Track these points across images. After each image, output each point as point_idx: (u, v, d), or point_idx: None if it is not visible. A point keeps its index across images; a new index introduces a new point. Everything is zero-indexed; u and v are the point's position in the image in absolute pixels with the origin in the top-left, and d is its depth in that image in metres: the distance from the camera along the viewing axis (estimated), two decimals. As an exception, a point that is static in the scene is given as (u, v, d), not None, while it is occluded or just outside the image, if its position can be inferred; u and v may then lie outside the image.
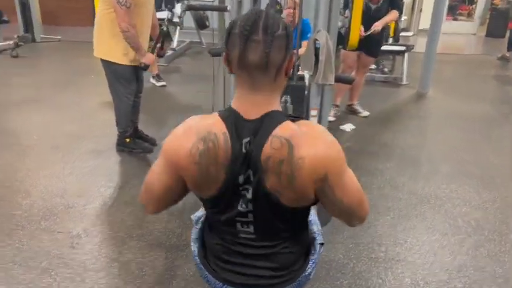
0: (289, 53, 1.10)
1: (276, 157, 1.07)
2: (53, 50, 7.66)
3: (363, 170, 3.37)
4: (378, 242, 2.48)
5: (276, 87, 1.12)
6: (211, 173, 1.12)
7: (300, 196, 1.12)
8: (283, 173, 1.07)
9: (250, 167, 1.11)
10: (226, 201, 1.18)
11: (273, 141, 1.07)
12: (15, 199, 2.79)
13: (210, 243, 1.34)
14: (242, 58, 1.05)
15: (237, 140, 1.10)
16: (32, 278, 2.10)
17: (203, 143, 1.10)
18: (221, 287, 1.35)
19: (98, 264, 2.22)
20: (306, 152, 1.06)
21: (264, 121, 1.10)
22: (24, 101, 4.74)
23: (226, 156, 1.10)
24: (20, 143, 3.67)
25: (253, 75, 1.08)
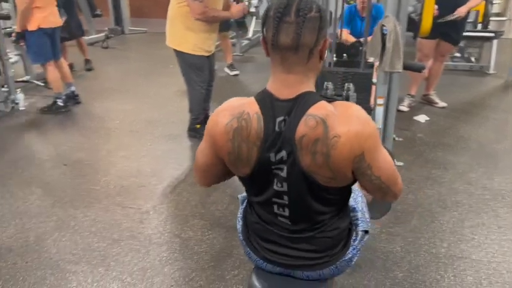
0: (322, 35, 1.11)
1: (311, 136, 1.09)
2: (139, 41, 8.18)
3: (434, 163, 3.21)
4: (441, 237, 2.37)
5: (309, 69, 1.14)
6: (243, 151, 1.17)
7: (337, 175, 1.13)
8: (318, 152, 1.09)
9: (284, 147, 1.13)
10: (261, 181, 1.23)
11: (307, 121, 1.09)
12: (95, 176, 3.08)
13: (251, 222, 1.39)
14: (275, 39, 1.09)
15: (271, 120, 1.13)
16: (104, 246, 2.32)
17: (237, 121, 1.15)
18: (262, 264, 1.41)
19: (162, 238, 2.39)
20: (341, 131, 1.07)
21: (298, 101, 1.12)
22: (110, 89, 5.15)
23: (258, 136, 1.14)
24: (104, 126, 4.02)
25: (286, 56, 1.10)
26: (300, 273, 1.37)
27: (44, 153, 3.52)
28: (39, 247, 2.32)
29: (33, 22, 3.89)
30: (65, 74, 4.44)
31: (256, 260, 1.42)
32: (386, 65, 2.72)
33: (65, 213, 2.62)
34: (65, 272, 2.13)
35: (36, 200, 2.77)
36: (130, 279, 2.08)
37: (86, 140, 3.70)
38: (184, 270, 2.15)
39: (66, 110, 4.35)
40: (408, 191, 2.83)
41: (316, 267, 1.34)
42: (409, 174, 3.06)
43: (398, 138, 3.58)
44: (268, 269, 1.40)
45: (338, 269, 1.37)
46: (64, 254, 2.26)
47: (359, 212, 1.50)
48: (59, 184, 2.99)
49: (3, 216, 2.60)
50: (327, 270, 1.36)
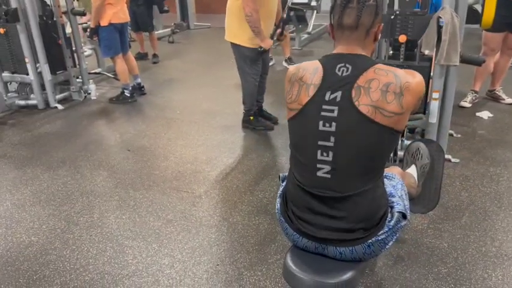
0: (377, 20, 1.40)
1: (383, 80, 1.33)
2: (203, 36, 8.47)
3: (493, 160, 3.08)
4: (493, 236, 2.30)
5: (365, 45, 1.42)
6: (300, 89, 1.43)
7: (400, 112, 1.33)
8: (390, 91, 1.32)
9: (341, 88, 1.36)
10: (309, 119, 1.40)
11: (377, 71, 1.35)
12: (155, 162, 3.29)
13: (290, 189, 1.49)
14: (340, 20, 1.40)
15: (330, 66, 1.40)
16: (159, 225, 2.50)
17: (296, 69, 1.49)
18: (297, 239, 1.48)
19: (211, 221, 2.53)
20: (410, 80, 1.35)
21: (360, 57, 1.40)
22: (173, 81, 5.42)
23: (315, 78, 1.40)
24: (165, 116, 4.25)
25: (347, 34, 1.40)
26: (333, 250, 1.42)
27: (111, 139, 3.81)
28: (102, 223, 2.54)
29: (105, 18, 4.21)
30: (132, 66, 4.75)
31: (293, 235, 1.49)
32: (442, 58, 2.66)
33: (126, 194, 2.85)
34: (123, 246, 2.34)
35: (102, 181, 3.03)
36: (180, 256, 2.24)
37: (148, 128, 3.95)
38: (230, 251, 2.27)
39: (132, 100, 4.65)
40: (462, 188, 2.75)
41: (349, 243, 1.39)
42: (465, 171, 2.96)
43: (457, 134, 3.48)
44: (303, 244, 1.47)
45: (370, 248, 1.41)
46: (123, 230, 2.47)
47: (397, 197, 1.53)
48: (122, 167, 3.24)
49: (72, 194, 2.87)
50: (360, 248, 1.40)
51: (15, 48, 4.33)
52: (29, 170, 3.22)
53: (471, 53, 3.03)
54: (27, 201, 2.81)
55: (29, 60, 4.29)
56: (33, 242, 2.40)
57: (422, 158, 2.26)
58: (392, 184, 1.62)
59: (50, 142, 3.71)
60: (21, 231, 2.49)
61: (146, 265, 2.19)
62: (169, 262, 2.20)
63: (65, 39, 4.56)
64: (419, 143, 2.33)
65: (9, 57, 4.42)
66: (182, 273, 2.13)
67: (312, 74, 1.42)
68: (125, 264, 2.20)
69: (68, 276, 2.13)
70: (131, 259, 2.24)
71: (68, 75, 4.63)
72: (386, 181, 1.64)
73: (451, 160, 3.08)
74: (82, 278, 2.12)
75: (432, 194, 2.27)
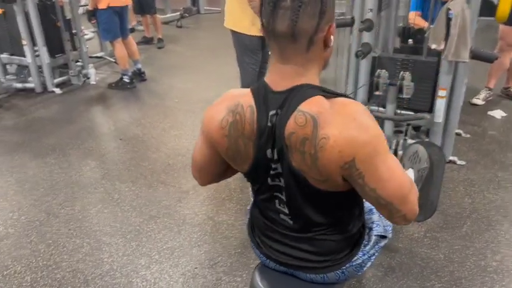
0: (325, 20, 0.98)
1: (300, 134, 0.98)
2: (212, 21, 8.26)
3: (502, 164, 2.89)
4: (494, 249, 2.13)
5: (309, 58, 1.02)
6: (240, 147, 1.10)
7: (326, 178, 1.02)
8: (306, 152, 0.98)
9: (276, 143, 1.05)
10: (261, 177, 1.15)
11: (297, 117, 0.98)
12: (146, 152, 3.17)
13: (256, 218, 1.33)
14: (270, 27, 0.98)
15: (264, 113, 1.05)
16: (140, 222, 2.39)
17: (232, 115, 1.07)
18: (265, 261, 1.35)
19: (195, 219, 2.40)
20: (332, 132, 0.95)
21: (292, 94, 1.01)
22: (176, 67, 5.27)
23: (252, 130, 1.06)
24: (163, 104, 4.13)
25: (282, 45, 1.00)
26: (304, 275, 1.29)
27: (105, 126, 3.70)
28: (83, 216, 2.44)
29: (103, 1, 4.06)
30: (132, 51, 4.61)
31: (260, 257, 1.36)
32: (450, 53, 2.47)
33: (112, 186, 2.74)
34: (101, 242, 2.23)
35: (89, 171, 2.93)
36: (157, 257, 2.12)
37: (144, 117, 3.83)
38: (211, 253, 2.15)
39: (131, 87, 4.53)
40: (465, 194, 2.57)
41: (319, 271, 1.25)
42: (470, 174, 2.77)
43: (465, 134, 3.28)
44: (272, 266, 1.34)
45: (344, 274, 1.27)
46: (103, 225, 2.37)
47: (376, 214, 1.38)
48: (112, 157, 3.13)
49: (57, 184, 2.78)
50: (332, 275, 1.26)
51: (13, 29, 4.22)
52: (17, 157, 3.13)
53: (486, 48, 2.82)
54: (10, 189, 2.73)
55: (26, 42, 4.18)
56: (10, 233, 2.31)
57: (420, 162, 2.09)
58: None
59: (43, 127, 3.62)
60: (0, 222, 2.41)
61: (121, 265, 2.08)
62: (146, 262, 2.09)
63: (64, 21, 4.44)
64: (418, 145, 2.15)
65: (8, 38, 4.32)
66: (158, 275, 2.01)
67: (250, 122, 1.06)
68: (100, 263, 2.09)
69: (39, 273, 2.03)
70: (107, 257, 2.13)
71: (67, 58, 4.51)
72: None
73: (456, 162, 2.89)
74: (54, 275, 2.02)
75: (430, 201, 2.11)
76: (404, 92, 2.42)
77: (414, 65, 2.73)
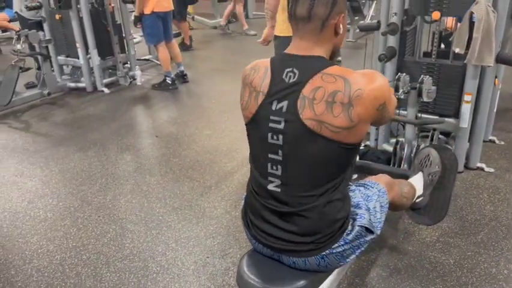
0: (336, 10, 1.25)
1: (330, 88, 1.20)
2: (259, 25, 8.37)
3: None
4: (509, 257, 2.08)
5: (322, 39, 1.27)
6: (246, 95, 1.33)
7: (353, 124, 1.20)
8: (337, 102, 1.19)
9: (288, 96, 1.24)
10: (259, 130, 1.30)
11: (324, 77, 1.21)
12: (177, 149, 3.36)
13: (248, 198, 1.45)
14: (293, 11, 1.27)
15: (279, 70, 1.27)
16: (163, 212, 2.56)
17: (249, 70, 1.37)
18: (255, 244, 1.44)
19: (214, 213, 2.53)
20: (363, 86, 1.19)
21: (311, 59, 1.26)
22: (218, 70, 5.47)
23: (264, 84, 1.29)
24: (200, 105, 4.32)
25: (300, 25, 1.27)
26: (286, 259, 1.37)
27: (144, 124, 3.94)
28: (112, 205, 2.65)
29: (148, 6, 4.33)
30: (175, 54, 4.86)
31: (251, 239, 1.46)
32: (473, 57, 2.43)
33: (142, 179, 2.94)
34: (125, 229, 2.41)
35: (124, 164, 3.15)
36: (174, 245, 2.27)
37: (181, 116, 4.03)
38: (223, 244, 2.26)
39: (173, 88, 4.76)
40: (488, 201, 2.51)
41: (301, 254, 1.33)
42: (498, 182, 2.70)
43: (500, 141, 3.18)
44: (260, 249, 1.43)
45: (325, 261, 1.34)
46: (130, 214, 2.55)
47: (363, 209, 1.43)
48: (146, 153, 3.34)
49: (94, 175, 3.02)
50: (313, 260, 1.34)
51: (68, 33, 4.60)
52: (62, 149, 3.42)
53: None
54: (53, 178, 3.00)
55: (79, 45, 4.54)
56: (48, 217, 2.56)
57: (431, 166, 2.09)
58: (367, 194, 1.51)
59: (88, 124, 3.92)
60: (40, 206, 2.67)
61: (140, 250, 2.25)
62: (162, 249, 2.24)
63: (115, 26, 4.77)
64: (431, 149, 2.16)
65: (64, 42, 4.71)
66: (172, 261, 2.15)
67: (261, 79, 1.30)
68: (122, 247, 2.27)
69: (68, 254, 2.24)
70: (129, 243, 2.31)
71: (115, 60, 4.83)
72: (362, 189, 1.53)
73: (484, 169, 2.82)
74: (80, 256, 2.22)
75: (441, 205, 2.10)
76: (423, 96, 2.41)
77: (439, 69, 2.70)
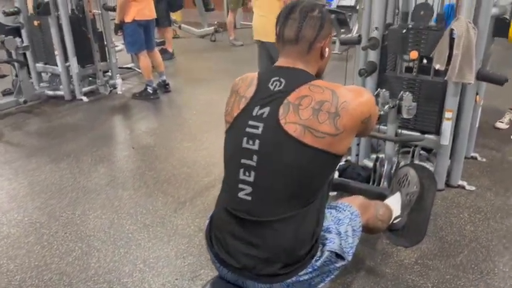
0: (323, 34, 1.30)
1: (317, 97, 1.22)
2: (246, 35, 8.34)
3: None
4: (488, 282, 2.01)
5: (308, 60, 1.31)
6: (235, 102, 1.34)
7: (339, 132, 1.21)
8: (324, 110, 1.21)
9: (271, 103, 1.25)
10: (237, 134, 1.28)
11: (312, 88, 1.24)
12: (154, 162, 3.25)
13: (215, 212, 1.39)
14: (280, 32, 1.32)
15: (266, 78, 1.30)
16: (133, 229, 2.45)
17: (238, 80, 1.41)
18: (219, 268, 1.36)
19: (186, 231, 2.43)
20: (350, 99, 1.23)
21: (298, 71, 1.30)
22: (202, 80, 5.38)
23: (249, 91, 1.31)
24: (181, 116, 4.23)
25: (288, 47, 1.31)
26: (251, 285, 1.28)
27: (121, 135, 3.83)
28: (81, 221, 2.53)
29: (129, 14, 4.24)
30: (158, 63, 4.77)
31: (214, 262, 1.37)
32: (453, 74, 2.39)
33: (114, 193, 2.82)
34: (92, 247, 2.30)
35: (96, 177, 3.03)
36: (142, 266, 2.16)
37: (160, 127, 3.93)
38: (194, 265, 2.16)
39: (155, 97, 4.67)
40: (469, 221, 2.45)
41: (266, 279, 1.26)
42: (478, 201, 2.64)
43: (482, 158, 3.13)
44: (224, 274, 1.35)
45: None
46: (98, 231, 2.44)
47: (333, 233, 1.35)
48: (121, 165, 3.23)
49: (65, 188, 2.90)
50: (278, 286, 1.25)
51: (47, 40, 4.49)
52: (34, 160, 3.30)
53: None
54: (21, 191, 2.88)
55: (58, 52, 4.43)
56: (11, 233, 2.43)
57: (410, 186, 2.02)
58: (338, 217, 1.43)
59: (63, 134, 3.80)
60: (4, 222, 2.54)
61: (106, 270, 2.13)
62: (129, 270, 2.13)
63: (96, 33, 4.67)
64: (409, 168, 2.09)
65: (42, 48, 4.60)
66: (138, 283, 2.05)
67: (247, 86, 1.33)
68: (87, 267, 2.15)
69: (29, 273, 2.12)
70: (94, 262, 2.19)
71: (95, 68, 4.72)
72: (334, 212, 1.46)
73: (465, 187, 2.76)
74: (41, 276, 2.10)
75: (419, 227, 2.03)
76: (403, 112, 2.35)
77: (420, 85, 2.65)
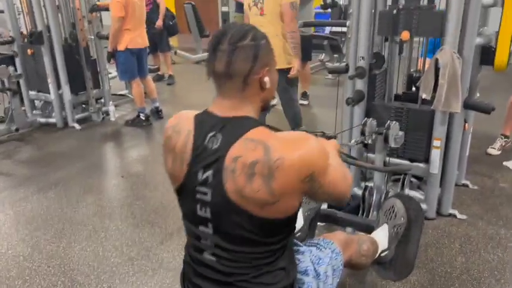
0: (259, 64, 1.12)
1: (249, 158, 1.06)
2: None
3: (508, 221, 2.69)
4: (478, 317, 1.96)
5: (245, 96, 1.15)
6: (170, 162, 1.21)
7: (277, 199, 1.07)
8: (257, 173, 1.05)
9: (212, 165, 1.11)
10: (188, 202, 1.19)
11: (244, 143, 1.08)
12: (142, 191, 3.22)
13: (184, 263, 1.33)
14: (210, 67, 1.14)
15: (202, 134, 1.15)
16: (118, 263, 2.40)
17: (171, 131, 1.22)
18: None
19: (172, 264, 2.38)
20: (285, 154, 1.05)
21: (234, 121, 1.13)
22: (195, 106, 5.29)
23: (185, 149, 1.16)
24: (173, 143, 4.20)
25: (221, 82, 1.15)
26: None
27: (111, 163, 3.81)
28: (65, 254, 2.48)
29: (122, 43, 4.27)
30: (150, 90, 4.79)
31: None
32: (440, 103, 2.39)
33: (101, 223, 2.78)
34: (74, 282, 2.25)
35: (83, 207, 2.99)
36: (124, 301, 2.11)
37: (151, 154, 3.92)
38: (178, 301, 2.10)
39: (147, 124, 4.67)
40: (460, 251, 2.41)
41: None
42: (470, 230, 2.60)
43: (473, 185, 3.11)
44: None
45: None
46: (82, 264, 2.39)
47: (311, 276, 1.31)
48: (109, 195, 3.20)
49: (51, 219, 2.85)
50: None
51: (40, 68, 4.51)
52: (22, 190, 3.26)
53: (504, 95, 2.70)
54: (6, 222, 2.83)
55: (51, 80, 4.45)
56: (-7, 267, 2.39)
57: (396, 217, 1.99)
58: (319, 256, 1.39)
59: (54, 162, 3.77)
60: (-13, 255, 2.49)
61: (87, 307, 2.08)
62: (111, 306, 2.08)
63: (90, 61, 4.69)
64: (396, 199, 2.06)
65: (36, 76, 4.61)
66: (120, 320, 1.99)
67: (184, 143, 1.17)
68: (68, 303, 2.10)
69: (8, 310, 2.07)
70: (76, 298, 2.14)
71: (88, 96, 4.74)
72: (314, 251, 1.42)
73: (456, 216, 2.72)
74: (21, 313, 2.05)
75: (406, 259, 1.98)
76: (390, 141, 2.33)
77: (408, 114, 2.65)
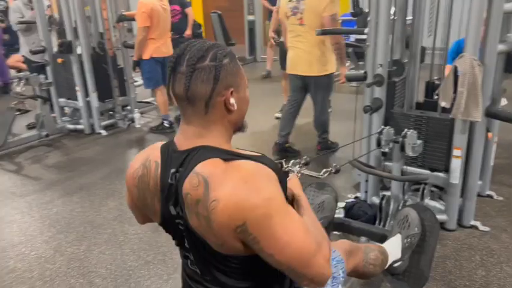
0: (221, 86, 1.02)
1: (194, 196, 1.00)
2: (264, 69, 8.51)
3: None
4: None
5: (210, 121, 1.05)
6: (147, 200, 1.14)
7: (222, 242, 1.01)
8: (200, 214, 1.00)
9: (178, 204, 1.06)
10: (172, 233, 1.17)
11: (191, 178, 1.01)
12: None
13: (183, 282, 1.32)
14: (172, 89, 1.05)
15: (166, 170, 1.07)
16: (135, 266, 2.45)
17: (142, 168, 1.13)
18: None
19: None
20: (221, 195, 0.96)
21: (190, 154, 1.04)
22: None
23: (156, 186, 1.09)
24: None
25: (182, 106, 1.06)
26: None
27: (134, 169, 3.88)
28: (85, 256, 2.55)
29: (147, 52, 4.39)
30: (174, 98, 4.87)
31: None
32: (459, 112, 2.34)
33: (121, 228, 2.85)
34: (92, 284, 2.31)
35: (105, 211, 3.07)
36: (139, 304, 2.15)
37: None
38: (191, 306, 2.12)
39: (171, 131, 4.75)
40: (481, 264, 2.33)
41: None
42: (492, 243, 2.52)
43: (498, 196, 3.01)
44: None
45: None
46: (100, 267, 2.45)
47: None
48: (130, 200, 3.26)
49: (73, 222, 2.94)
50: None
51: (69, 77, 4.68)
52: (48, 193, 3.38)
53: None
54: (32, 225, 2.94)
55: (79, 88, 4.60)
56: (16, 268, 2.47)
57: (410, 228, 1.96)
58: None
59: (80, 167, 3.89)
60: (12, 256, 2.59)
61: (103, 309, 2.13)
62: (126, 309, 2.12)
63: (117, 69, 4.84)
64: (410, 209, 2.03)
65: (65, 84, 4.78)
66: (133, 323, 2.03)
67: (154, 179, 1.10)
68: (84, 305, 2.16)
69: (28, 310, 2.14)
70: (93, 300, 2.20)
71: (114, 103, 4.87)
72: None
73: (478, 228, 2.65)
74: (40, 313, 2.12)
75: (421, 271, 1.95)
76: (407, 150, 2.30)
77: (428, 122, 2.60)
